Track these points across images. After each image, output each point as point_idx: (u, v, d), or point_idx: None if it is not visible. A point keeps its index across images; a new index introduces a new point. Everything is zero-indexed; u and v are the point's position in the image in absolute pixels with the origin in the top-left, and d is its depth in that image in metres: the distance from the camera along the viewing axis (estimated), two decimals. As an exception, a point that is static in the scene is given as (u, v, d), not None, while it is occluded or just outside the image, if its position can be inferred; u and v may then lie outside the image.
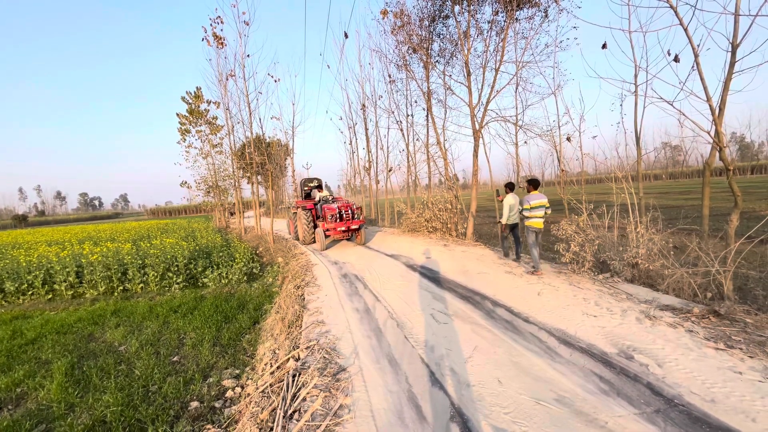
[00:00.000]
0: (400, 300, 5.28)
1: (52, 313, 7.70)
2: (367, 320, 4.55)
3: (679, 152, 68.00)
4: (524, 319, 4.20)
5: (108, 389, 4.14)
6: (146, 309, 7.22)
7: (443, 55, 12.29)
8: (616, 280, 5.42)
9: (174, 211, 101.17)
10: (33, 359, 5.28)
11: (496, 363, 3.22)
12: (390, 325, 4.32)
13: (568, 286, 5.32)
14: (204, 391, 4.04)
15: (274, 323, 5.31)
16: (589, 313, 4.16)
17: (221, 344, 5.32)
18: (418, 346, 3.64)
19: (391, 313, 4.73)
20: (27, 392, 4.32)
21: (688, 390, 2.65)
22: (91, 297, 8.63)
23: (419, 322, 4.35)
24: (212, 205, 34.24)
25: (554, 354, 3.31)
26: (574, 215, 6.80)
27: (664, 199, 21.14)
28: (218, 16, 14.04)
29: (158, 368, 4.63)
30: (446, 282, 6.10)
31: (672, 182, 52.72)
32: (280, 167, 35.49)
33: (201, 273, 9.57)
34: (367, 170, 18.24)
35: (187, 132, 26.07)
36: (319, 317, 4.78)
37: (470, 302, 4.96)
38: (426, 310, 4.73)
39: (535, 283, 5.56)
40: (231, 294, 8.16)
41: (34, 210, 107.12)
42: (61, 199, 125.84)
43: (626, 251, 5.60)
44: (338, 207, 10.73)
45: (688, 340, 3.37)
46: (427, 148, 13.62)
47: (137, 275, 9.03)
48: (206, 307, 6.97)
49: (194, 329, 5.93)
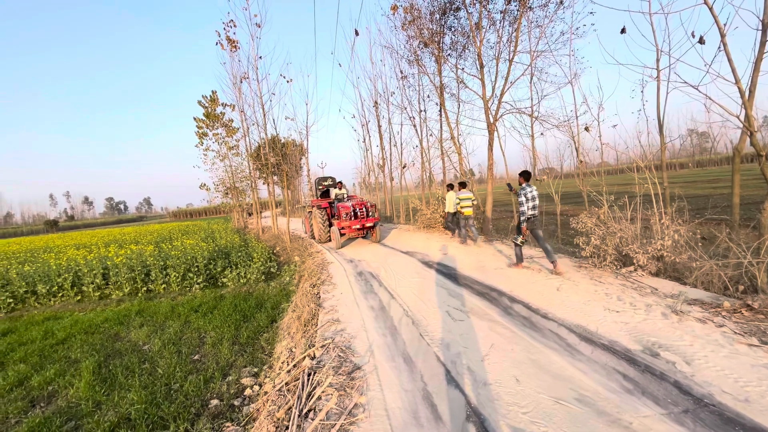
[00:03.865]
0: (416, 297, 5.23)
1: (80, 314, 8.01)
2: (382, 318, 4.53)
3: (706, 139, 65.16)
4: (543, 315, 4.09)
5: (133, 387, 4.27)
6: (168, 309, 7.42)
7: (455, 48, 12.10)
8: (640, 274, 5.22)
9: (195, 213, 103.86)
10: (63, 358, 5.50)
11: (514, 361, 3.14)
12: (405, 322, 4.29)
13: (589, 280, 5.15)
14: (223, 389, 4.11)
15: (291, 322, 5.36)
16: (612, 309, 4.01)
17: (240, 343, 5.41)
18: (433, 344, 3.60)
19: (406, 310, 4.69)
20: (58, 390, 4.50)
21: (719, 389, 2.51)
22: (116, 298, 8.94)
23: (435, 319, 4.30)
24: (230, 207, 35.02)
25: (575, 351, 3.21)
26: (594, 207, 6.60)
27: (691, 189, 20.28)
28: (231, 20, 14.25)
29: (180, 367, 4.74)
30: (462, 278, 6.02)
31: (699, 170, 50.55)
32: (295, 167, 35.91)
33: (220, 273, 9.78)
34: (381, 167, 18.21)
35: (205, 135, 26.67)
36: (335, 315, 4.79)
37: (487, 299, 4.87)
38: (441, 307, 4.67)
39: (554, 278, 5.41)
40: (249, 293, 8.29)
41: (64, 215, 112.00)
42: (89, 204, 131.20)
43: (650, 243, 5.38)
44: (353, 205, 10.74)
45: (719, 335, 3.20)
46: (441, 143, 13.47)
47: (159, 276, 9.30)
48: (225, 307, 7.11)
49: (214, 328, 6.06)
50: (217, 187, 29.27)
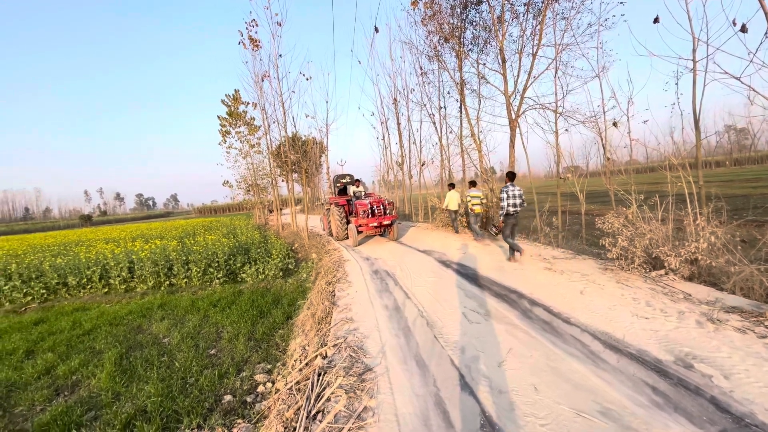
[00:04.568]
0: (431, 297, 5.11)
1: (107, 305, 8.32)
2: (396, 318, 4.44)
3: (745, 136, 61.46)
4: (564, 319, 3.89)
5: (150, 380, 4.36)
6: (189, 303, 7.59)
7: (476, 43, 11.81)
8: (672, 278, 4.91)
9: (219, 210, 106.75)
10: (88, 348, 5.70)
11: (533, 368, 2.98)
12: (419, 323, 4.18)
13: (615, 284, 4.89)
14: (237, 385, 4.13)
15: (306, 319, 5.35)
16: (640, 315, 3.77)
17: (255, 339, 5.45)
18: (447, 347, 3.47)
19: (421, 311, 4.58)
20: (81, 380, 4.65)
21: (762, 407, 2.29)
22: (141, 291, 9.23)
23: (450, 321, 4.17)
24: (252, 203, 35.74)
25: (599, 360, 3.02)
26: (622, 207, 6.27)
27: (729, 188, 19.12)
28: (253, 19, 14.46)
29: (196, 361, 4.81)
30: (480, 279, 5.84)
31: (737, 169, 47.73)
32: (315, 165, 36.27)
33: (240, 269, 9.94)
34: (400, 165, 18.07)
35: (228, 134, 27.29)
36: (348, 314, 4.73)
37: (505, 301, 4.69)
38: (458, 309, 4.53)
39: (576, 281, 5.17)
40: (267, 289, 8.38)
41: (97, 210, 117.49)
42: (120, 199, 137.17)
43: (683, 246, 5.05)
44: (370, 202, 10.68)
45: (761, 347, 2.94)
46: (461, 140, 13.20)
47: (182, 271, 9.54)
48: (243, 302, 7.20)
49: (231, 323, 6.14)
50: (240, 184, 29.97)
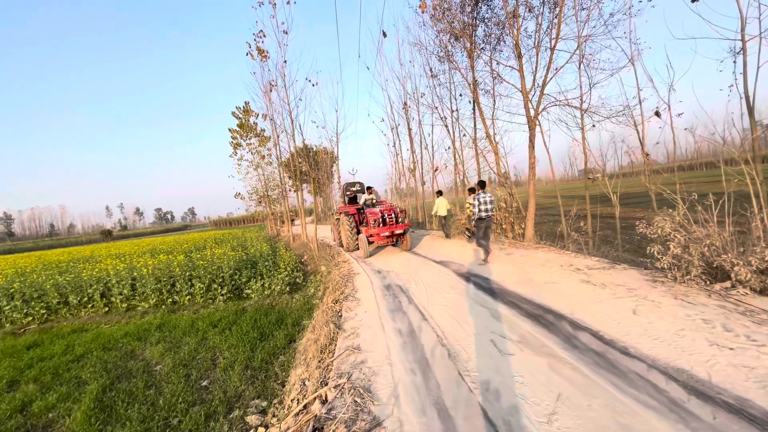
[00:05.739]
0: (452, 319, 4.40)
1: (105, 326, 7.86)
2: (411, 346, 3.75)
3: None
4: (621, 350, 3.12)
5: (130, 420, 3.78)
6: (188, 323, 7.06)
7: (488, 41, 11.18)
8: (742, 292, 4.08)
9: (234, 222, 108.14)
10: (73, 379, 5.18)
11: (597, 426, 2.25)
12: (439, 354, 3.48)
13: (673, 300, 4.08)
14: (224, 429, 3.50)
15: (308, 345, 4.71)
16: (721, 344, 2.98)
17: (253, 368, 4.83)
18: (477, 390, 2.77)
19: (440, 337, 3.87)
20: (56, 419, 4.11)
21: None
22: (142, 310, 8.77)
23: (476, 351, 3.45)
24: (264, 215, 35.67)
25: (686, 414, 2.26)
26: (667, 209, 5.47)
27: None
28: (260, 30, 14.22)
29: (185, 395, 4.22)
30: (507, 295, 5.10)
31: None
32: (327, 174, 36.04)
33: (245, 284, 9.41)
34: (412, 171, 17.44)
35: (239, 146, 27.24)
36: (356, 341, 4.07)
37: (541, 323, 3.94)
38: (484, 334, 3.81)
39: (623, 296, 4.38)
40: (272, 306, 7.81)
41: (118, 225, 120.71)
42: (139, 214, 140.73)
43: (753, 253, 4.22)
44: (381, 211, 10.05)
45: None
46: (475, 142, 12.49)
47: (185, 287, 9.07)
48: (245, 322, 6.63)
49: (229, 348, 5.56)
50: (251, 196, 29.87)
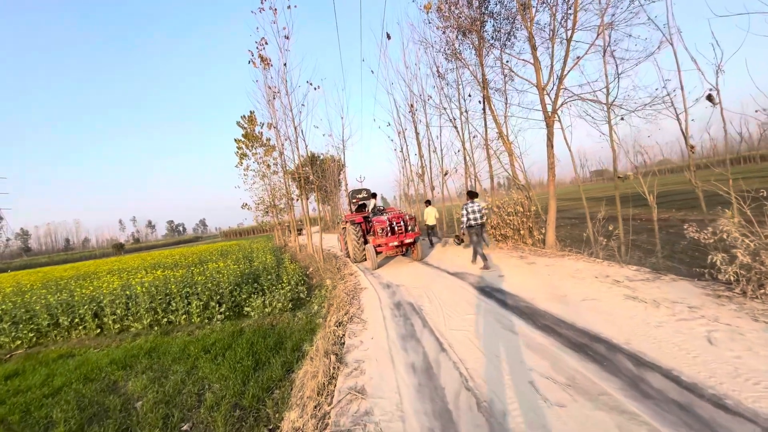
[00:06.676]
0: (475, 349, 3.64)
1: (95, 351, 7.29)
2: (428, 390, 3.00)
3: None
4: (711, 399, 2.34)
5: (88, 483, 3.11)
6: (180, 348, 6.42)
7: (498, 37, 10.51)
8: (841, 312, 3.25)
9: (243, 232, 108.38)
10: (43, 419, 4.56)
11: None
12: (466, 403, 2.73)
13: (754, 323, 3.27)
14: (197, 500, 2.80)
15: (306, 380, 3.99)
16: None
17: (242, 407, 4.13)
18: (522, 465, 2.02)
19: (465, 377, 3.11)
20: (7, 477, 3.47)
21: None
22: (135, 331, 8.18)
23: (514, 399, 2.70)
24: (271, 225, 35.29)
25: None
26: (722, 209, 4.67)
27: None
28: (263, 38, 13.80)
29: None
30: (539, 316, 4.32)
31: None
32: (334, 182, 35.56)
33: (245, 300, 8.77)
34: (420, 176, 16.74)
35: (245, 156, 26.91)
36: (360, 380, 3.35)
37: (590, 356, 3.16)
38: (520, 373, 3.05)
39: (687, 318, 3.57)
40: (272, 326, 7.12)
41: (131, 238, 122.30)
42: (152, 227, 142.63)
43: None
44: (389, 219, 9.36)
45: None
46: (487, 143, 11.74)
47: (181, 306, 8.46)
48: (241, 346, 5.95)
49: (219, 379, 4.88)
50: (258, 206, 29.47)
